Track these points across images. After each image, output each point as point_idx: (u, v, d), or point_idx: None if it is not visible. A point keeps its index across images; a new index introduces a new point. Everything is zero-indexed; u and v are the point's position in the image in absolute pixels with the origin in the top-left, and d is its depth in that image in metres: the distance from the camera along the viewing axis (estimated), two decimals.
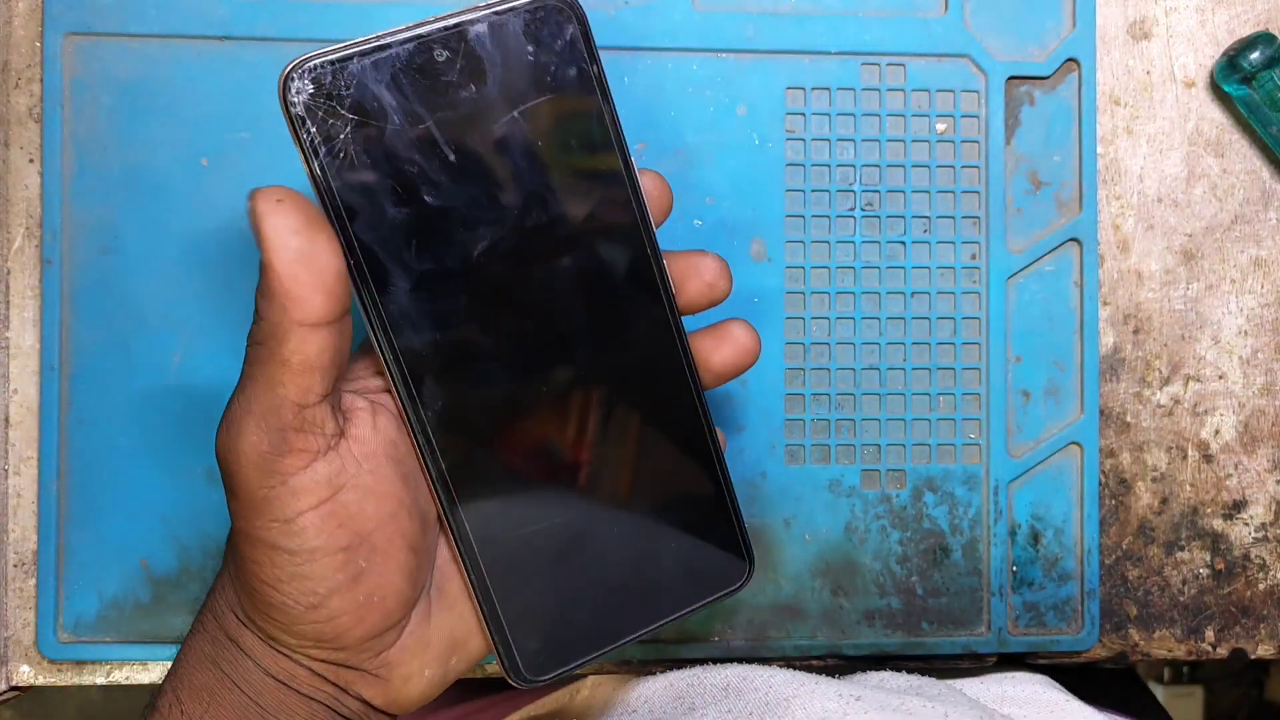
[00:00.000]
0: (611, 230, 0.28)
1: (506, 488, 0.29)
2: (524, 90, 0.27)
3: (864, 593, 0.37)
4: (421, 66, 0.26)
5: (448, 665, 0.29)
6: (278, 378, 0.24)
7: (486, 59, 0.26)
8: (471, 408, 0.28)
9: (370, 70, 0.25)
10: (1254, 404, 0.39)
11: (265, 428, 0.25)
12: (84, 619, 0.36)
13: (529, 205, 0.27)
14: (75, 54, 0.35)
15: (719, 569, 0.31)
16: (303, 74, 0.25)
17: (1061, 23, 0.38)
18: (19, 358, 0.36)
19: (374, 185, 0.26)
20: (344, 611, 0.26)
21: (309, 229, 0.24)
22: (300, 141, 0.25)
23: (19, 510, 0.36)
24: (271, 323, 0.24)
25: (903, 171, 0.37)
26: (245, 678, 0.27)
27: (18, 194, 0.36)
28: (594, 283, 0.28)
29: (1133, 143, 0.38)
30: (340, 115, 0.25)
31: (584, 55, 0.27)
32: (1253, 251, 0.39)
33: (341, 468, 0.26)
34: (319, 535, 0.25)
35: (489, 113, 0.26)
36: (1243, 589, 0.39)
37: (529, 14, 0.26)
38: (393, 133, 0.26)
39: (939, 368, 0.37)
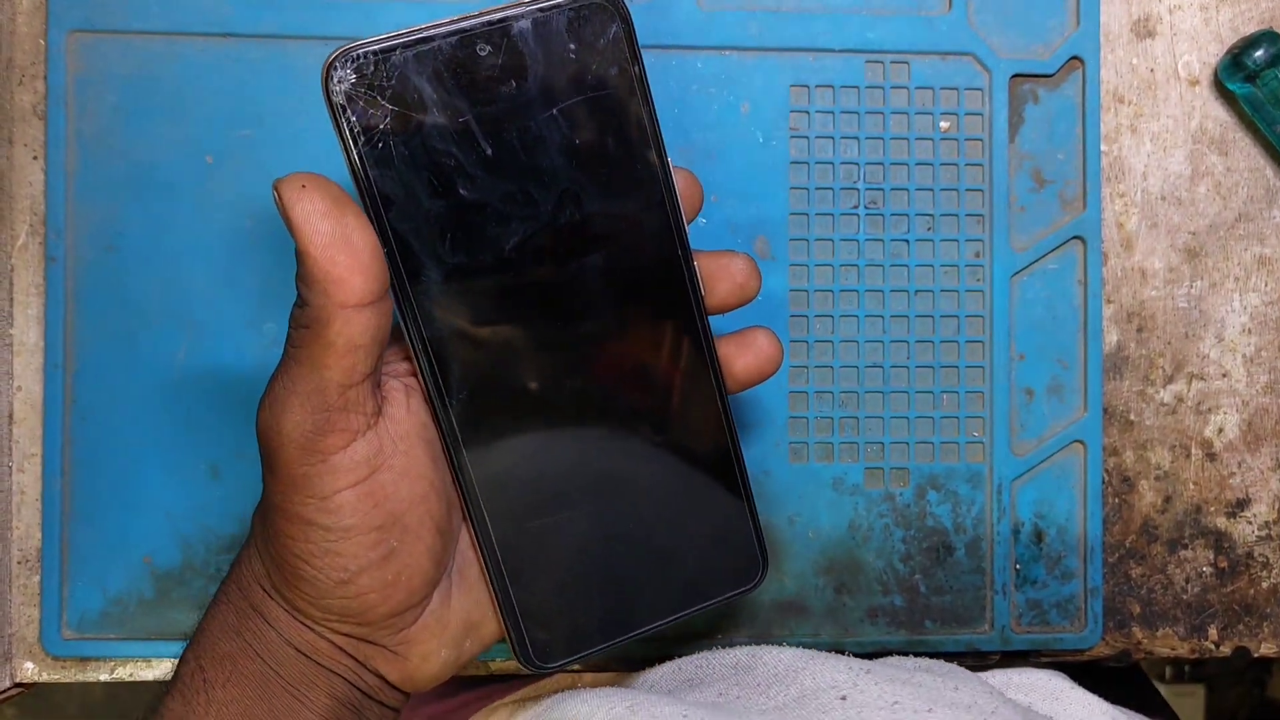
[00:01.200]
0: (645, 231, 0.28)
1: (526, 478, 0.29)
2: (564, 88, 0.27)
3: (867, 591, 0.37)
4: (463, 60, 0.26)
5: (462, 647, 0.29)
6: (322, 360, 0.25)
7: (528, 55, 0.26)
8: (496, 399, 0.28)
9: (412, 62, 0.25)
10: (1257, 402, 0.39)
11: (310, 408, 0.25)
12: (88, 616, 0.36)
13: (564, 202, 0.27)
14: (79, 51, 0.35)
15: (733, 568, 0.31)
16: (345, 63, 0.25)
17: (1065, 21, 0.38)
18: (23, 355, 0.36)
19: (411, 176, 0.26)
20: (372, 589, 0.27)
21: (338, 210, 0.24)
22: (340, 130, 0.25)
23: (23, 507, 0.36)
24: (315, 307, 0.25)
25: (906, 169, 0.37)
26: (268, 648, 0.28)
27: (22, 191, 0.36)
28: (624, 282, 0.28)
29: (1136, 141, 0.38)
30: (380, 105, 0.25)
31: (626, 55, 0.27)
32: (1256, 249, 0.39)
33: (379, 448, 0.26)
34: (354, 514, 0.26)
35: (528, 109, 0.26)
36: (1246, 587, 0.39)
37: (573, 12, 0.26)
38: (432, 125, 0.26)
39: (942, 366, 0.37)
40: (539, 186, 0.27)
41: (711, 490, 0.31)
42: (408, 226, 0.26)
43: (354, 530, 0.26)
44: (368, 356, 0.25)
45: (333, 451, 0.25)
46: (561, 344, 0.28)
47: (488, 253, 0.27)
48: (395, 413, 0.27)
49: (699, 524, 0.31)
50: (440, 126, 0.26)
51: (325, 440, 0.25)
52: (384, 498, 0.26)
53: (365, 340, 0.25)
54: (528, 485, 0.29)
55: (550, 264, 0.28)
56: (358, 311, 0.25)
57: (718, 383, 0.30)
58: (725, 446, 0.30)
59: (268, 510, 0.27)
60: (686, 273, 0.29)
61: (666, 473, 0.30)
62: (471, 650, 0.30)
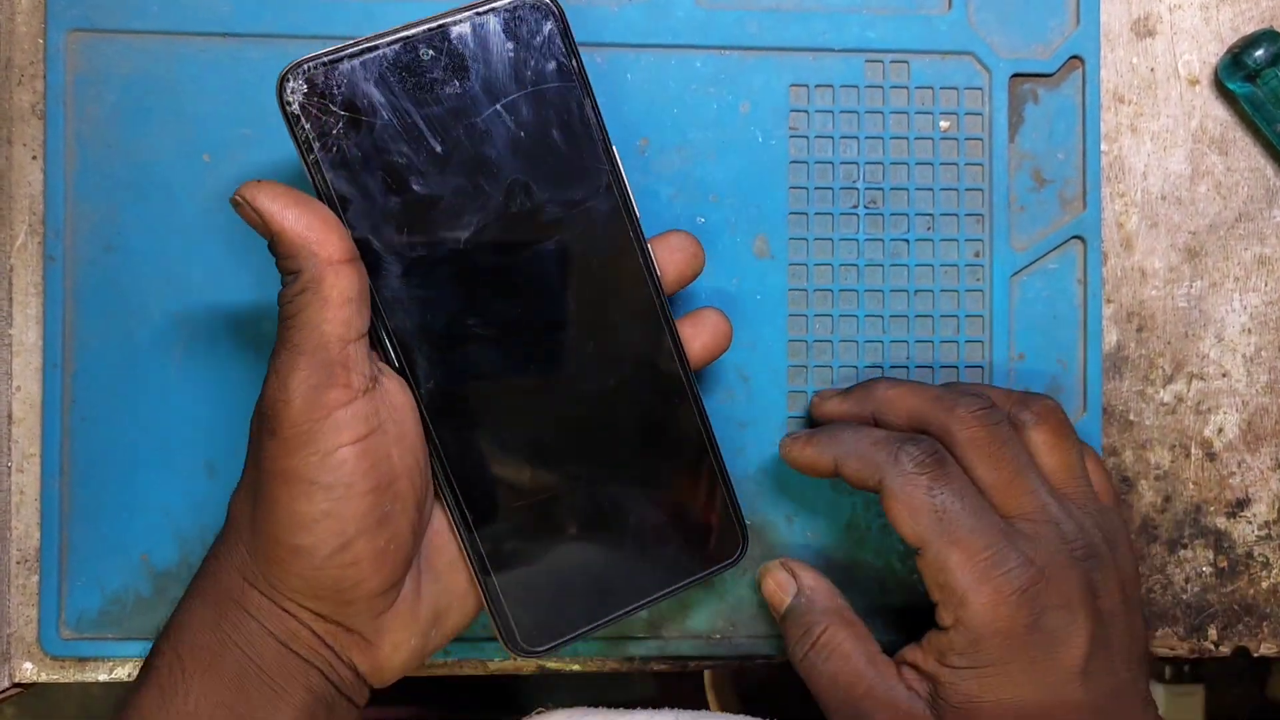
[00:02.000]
0: (595, 215, 0.30)
1: (500, 463, 0.30)
2: (505, 84, 0.28)
3: (866, 590, 0.37)
4: (408, 65, 0.28)
5: (429, 636, 0.30)
6: (321, 316, 0.27)
7: (469, 56, 0.28)
8: (463, 386, 0.30)
9: (360, 70, 0.27)
10: (1257, 402, 0.39)
11: (314, 363, 0.27)
12: (86, 615, 0.36)
13: (513, 193, 0.29)
14: (78, 50, 0.35)
15: (714, 543, 0.32)
16: (297, 75, 0.27)
17: (1065, 20, 0.38)
18: (22, 354, 0.36)
19: (365, 176, 0.28)
20: (366, 557, 0.28)
21: (297, 193, 0.27)
22: (296, 138, 0.27)
23: (22, 507, 0.36)
24: (305, 272, 0.27)
25: (906, 169, 0.37)
26: (248, 639, 0.28)
27: (21, 190, 0.36)
28: (579, 266, 0.30)
29: (1136, 140, 0.38)
30: (332, 113, 0.27)
31: (562, 50, 0.29)
32: (1257, 249, 0.39)
33: (377, 410, 0.28)
34: (355, 471, 0.27)
35: (472, 107, 0.28)
36: (1246, 587, 0.39)
37: (508, 13, 0.28)
38: (382, 127, 0.28)
39: (942, 365, 0.37)
40: (489, 179, 0.29)
41: (686, 468, 0.32)
42: (365, 224, 0.28)
43: (354, 489, 0.27)
44: (359, 313, 0.27)
45: (336, 406, 0.27)
46: (523, 330, 0.30)
47: (444, 245, 0.29)
48: (389, 385, 0.29)
49: (676, 502, 0.32)
50: (390, 128, 0.28)
51: (329, 394, 0.27)
52: (381, 458, 0.28)
53: (354, 294, 0.27)
54: (503, 470, 0.30)
55: (506, 253, 0.29)
56: (344, 265, 0.27)
57: (681, 361, 0.31)
58: (695, 424, 0.31)
59: (261, 484, 0.28)
60: (640, 254, 0.30)
61: (640, 453, 0.31)
62: (436, 640, 0.31)
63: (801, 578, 0.35)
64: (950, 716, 0.30)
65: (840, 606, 0.34)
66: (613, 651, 0.37)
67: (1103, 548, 0.31)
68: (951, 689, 0.30)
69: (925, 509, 0.30)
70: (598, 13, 0.36)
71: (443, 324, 0.29)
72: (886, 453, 0.31)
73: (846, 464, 0.32)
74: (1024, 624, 0.29)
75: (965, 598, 0.29)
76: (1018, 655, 0.29)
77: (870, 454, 0.31)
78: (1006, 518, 0.31)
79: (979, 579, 0.29)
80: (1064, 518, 0.31)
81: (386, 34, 0.27)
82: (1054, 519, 0.31)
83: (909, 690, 0.31)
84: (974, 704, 0.30)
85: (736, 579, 0.37)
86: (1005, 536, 0.30)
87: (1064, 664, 0.30)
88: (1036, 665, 0.30)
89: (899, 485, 0.30)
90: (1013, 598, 0.29)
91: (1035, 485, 0.31)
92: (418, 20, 0.28)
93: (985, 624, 0.29)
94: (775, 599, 0.35)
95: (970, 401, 0.32)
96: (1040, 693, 0.30)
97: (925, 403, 0.32)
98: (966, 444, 0.31)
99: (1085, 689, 0.30)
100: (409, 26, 0.28)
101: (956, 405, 0.32)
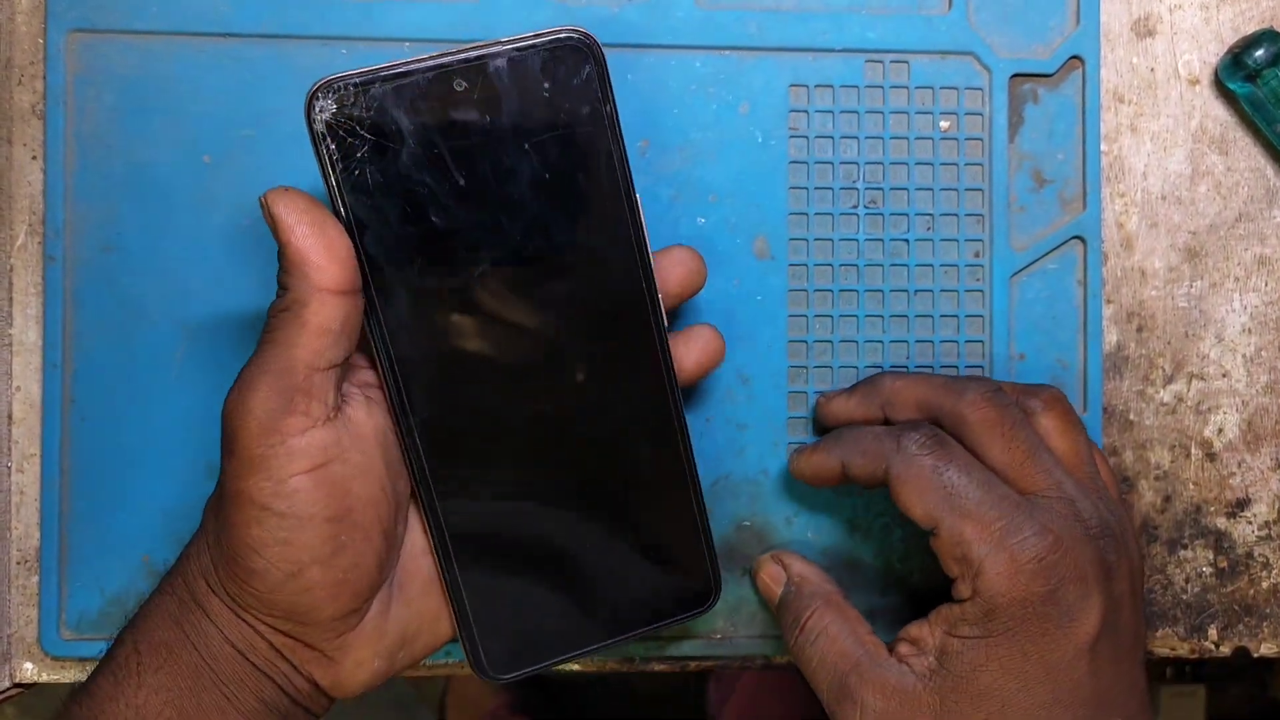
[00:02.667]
0: (609, 264, 0.29)
1: (485, 494, 0.30)
2: (536, 124, 0.28)
3: (866, 590, 0.37)
4: (440, 94, 0.27)
5: (395, 658, 0.30)
6: (295, 339, 0.26)
7: (503, 91, 0.27)
8: (458, 417, 0.29)
9: (391, 94, 0.27)
10: (1258, 402, 0.39)
11: (276, 386, 0.26)
12: (86, 616, 0.36)
13: (531, 234, 0.28)
14: (78, 51, 0.35)
15: (685, 591, 0.32)
16: (327, 93, 0.26)
17: (1065, 20, 0.38)
18: (22, 354, 0.36)
19: (385, 202, 0.27)
20: (321, 584, 0.27)
21: (317, 210, 0.27)
22: (320, 156, 0.27)
23: (22, 507, 0.36)
24: (293, 290, 0.27)
25: (906, 169, 0.37)
26: (205, 642, 0.28)
27: (21, 191, 0.36)
28: (585, 311, 0.29)
29: (1136, 140, 0.38)
30: (359, 135, 0.27)
31: (598, 95, 0.28)
32: (1257, 249, 0.39)
33: (336, 440, 0.27)
34: (308, 501, 0.27)
35: (501, 143, 0.28)
36: (1246, 587, 0.39)
37: (549, 51, 0.27)
38: (407, 155, 0.27)
39: (942, 366, 0.37)
40: (508, 217, 0.28)
41: (667, 512, 0.32)
42: (380, 250, 0.28)
43: (306, 519, 0.27)
44: (335, 344, 0.27)
45: (292, 434, 0.26)
46: (523, 368, 0.29)
47: (456, 278, 0.28)
48: (355, 415, 0.28)
49: (654, 546, 0.32)
50: (415, 156, 0.27)
51: (286, 420, 0.26)
52: (338, 489, 0.27)
53: (335, 326, 0.27)
54: (488, 500, 0.30)
55: (516, 292, 0.29)
56: (332, 296, 0.27)
57: (676, 407, 0.31)
58: (682, 470, 0.31)
59: (222, 499, 0.27)
60: (650, 305, 0.30)
61: (623, 493, 0.31)
62: (404, 661, 0.31)
63: (791, 567, 0.35)
64: (950, 685, 0.30)
65: (828, 591, 0.34)
66: (612, 652, 0.37)
67: (1117, 529, 0.31)
68: (957, 658, 0.30)
69: (932, 487, 0.30)
70: (598, 13, 0.36)
71: (444, 354, 0.29)
72: (889, 442, 0.31)
73: (853, 463, 0.32)
74: (1040, 593, 0.29)
75: (982, 566, 0.29)
76: (1029, 625, 0.29)
77: (873, 447, 0.32)
78: (1023, 494, 0.31)
79: (996, 546, 0.29)
80: (1080, 496, 0.31)
81: (423, 60, 0.27)
82: (1070, 496, 0.31)
83: (900, 664, 0.31)
84: (977, 671, 0.30)
85: (737, 580, 0.37)
86: (1019, 508, 0.30)
87: (1075, 639, 0.29)
88: (1047, 636, 0.29)
89: (904, 469, 0.31)
90: (1029, 565, 0.29)
91: (1050, 464, 0.31)
92: (456, 50, 0.27)
93: (1002, 591, 0.29)
94: (769, 592, 0.35)
95: (980, 385, 0.32)
96: (1046, 665, 0.29)
97: (934, 390, 0.33)
98: (979, 425, 0.31)
99: (1091, 668, 0.30)
100: (446, 54, 0.27)
101: (966, 390, 0.32)
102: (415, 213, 0.27)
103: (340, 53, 0.36)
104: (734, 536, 0.37)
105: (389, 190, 0.27)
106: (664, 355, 0.30)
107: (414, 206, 0.27)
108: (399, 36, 0.36)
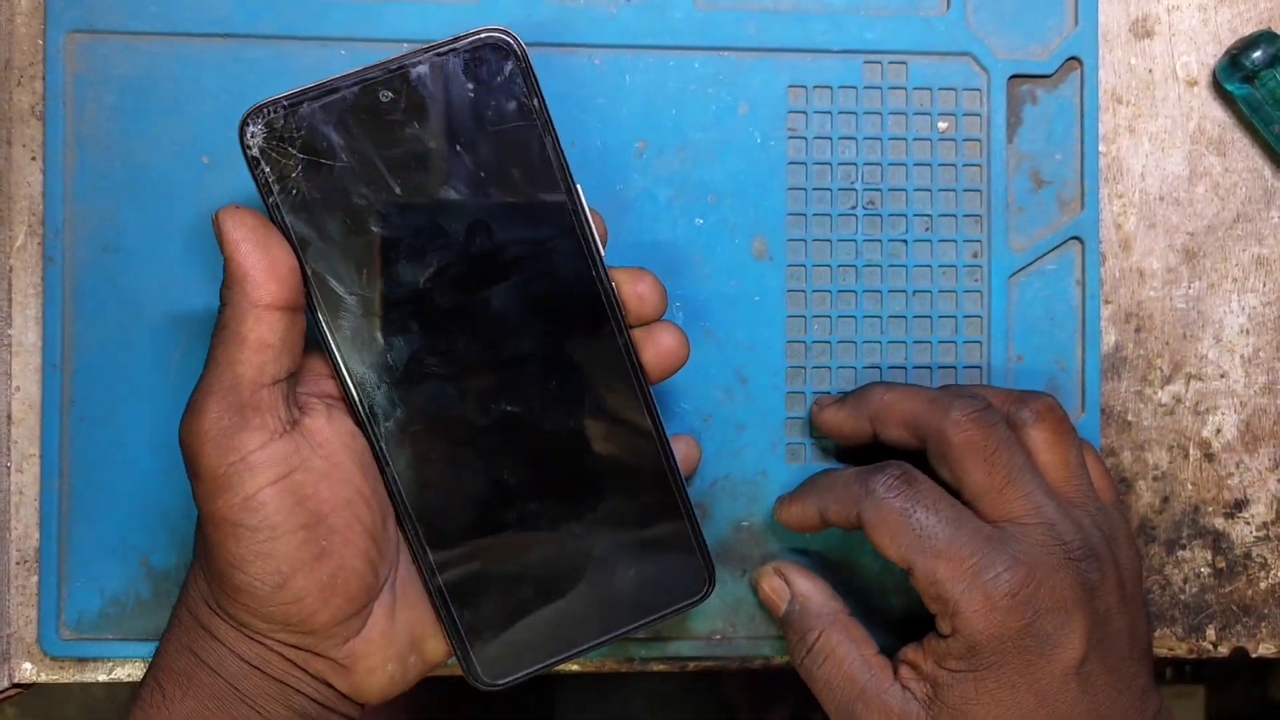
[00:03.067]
0: (558, 254, 0.29)
1: (459, 498, 0.30)
2: (465, 125, 0.28)
3: (864, 591, 0.37)
4: (368, 107, 0.28)
5: (408, 662, 0.30)
6: (236, 355, 0.27)
7: (429, 97, 0.28)
8: (421, 424, 0.29)
9: (319, 113, 0.27)
10: (1255, 403, 0.39)
11: (225, 405, 0.27)
12: (86, 616, 0.36)
13: (473, 233, 0.29)
14: (77, 51, 0.35)
15: (680, 581, 0.32)
16: (257, 119, 0.27)
17: (1063, 21, 0.38)
18: (21, 355, 0.36)
19: (325, 218, 0.28)
20: (309, 592, 0.27)
21: (263, 229, 0.27)
22: (256, 180, 0.27)
23: (21, 508, 0.36)
24: (231, 305, 0.27)
25: (904, 170, 0.37)
26: (221, 663, 0.28)
27: (20, 191, 0.36)
28: (541, 305, 0.29)
29: (1135, 141, 0.38)
30: (291, 155, 0.27)
31: (523, 90, 0.28)
32: (1254, 250, 0.39)
33: (297, 449, 0.28)
34: (278, 511, 0.27)
35: (432, 148, 0.28)
36: (1244, 588, 0.39)
37: (469, 54, 0.28)
38: (341, 170, 0.28)
39: (940, 366, 0.37)
40: (449, 220, 0.28)
41: (650, 502, 0.31)
42: (324, 264, 0.28)
43: (280, 529, 0.27)
44: (277, 360, 0.27)
45: (250, 449, 0.27)
46: (483, 368, 0.29)
47: (403, 286, 0.28)
48: (314, 424, 0.28)
49: (640, 537, 0.31)
50: (349, 171, 0.28)
51: (241, 436, 0.27)
52: (305, 497, 0.27)
53: (274, 340, 0.27)
54: (461, 504, 0.30)
55: (466, 292, 0.29)
56: (269, 311, 0.27)
57: (644, 396, 0.31)
58: (658, 460, 0.31)
59: (201, 522, 0.28)
60: (603, 291, 0.30)
61: (603, 487, 0.31)
62: (418, 666, 0.31)
63: (795, 583, 0.35)
64: (949, 716, 0.30)
65: (835, 609, 0.34)
66: (613, 652, 0.37)
67: (1101, 546, 0.31)
68: (949, 690, 0.30)
69: (902, 530, 0.30)
70: (597, 14, 0.36)
71: (402, 362, 0.29)
72: (858, 486, 0.32)
73: (828, 509, 0.33)
74: (1017, 627, 0.29)
75: (958, 605, 0.30)
76: (1012, 658, 0.30)
77: (845, 494, 0.32)
78: (997, 523, 0.31)
79: (969, 586, 0.29)
80: (1059, 518, 0.31)
81: (347, 76, 0.27)
82: (1048, 521, 0.31)
83: (904, 691, 0.31)
84: (970, 705, 0.30)
85: (736, 580, 0.37)
86: (989, 541, 0.30)
87: (1059, 665, 0.30)
88: (1032, 667, 0.30)
89: (874, 514, 0.31)
90: (1004, 601, 0.29)
91: (1030, 488, 0.31)
92: (379, 63, 0.28)
93: (979, 629, 0.29)
94: (771, 604, 0.35)
95: (965, 404, 0.32)
96: (1036, 695, 0.30)
97: (920, 406, 0.32)
98: (961, 448, 0.31)
99: (1081, 690, 0.30)
100: (370, 69, 0.28)
101: (951, 408, 0.32)
102: (356, 225, 0.28)
103: (340, 53, 0.36)
104: (732, 537, 0.37)
105: (328, 206, 0.28)
106: (626, 347, 0.30)
107: (354, 219, 0.28)
108: (399, 37, 0.36)
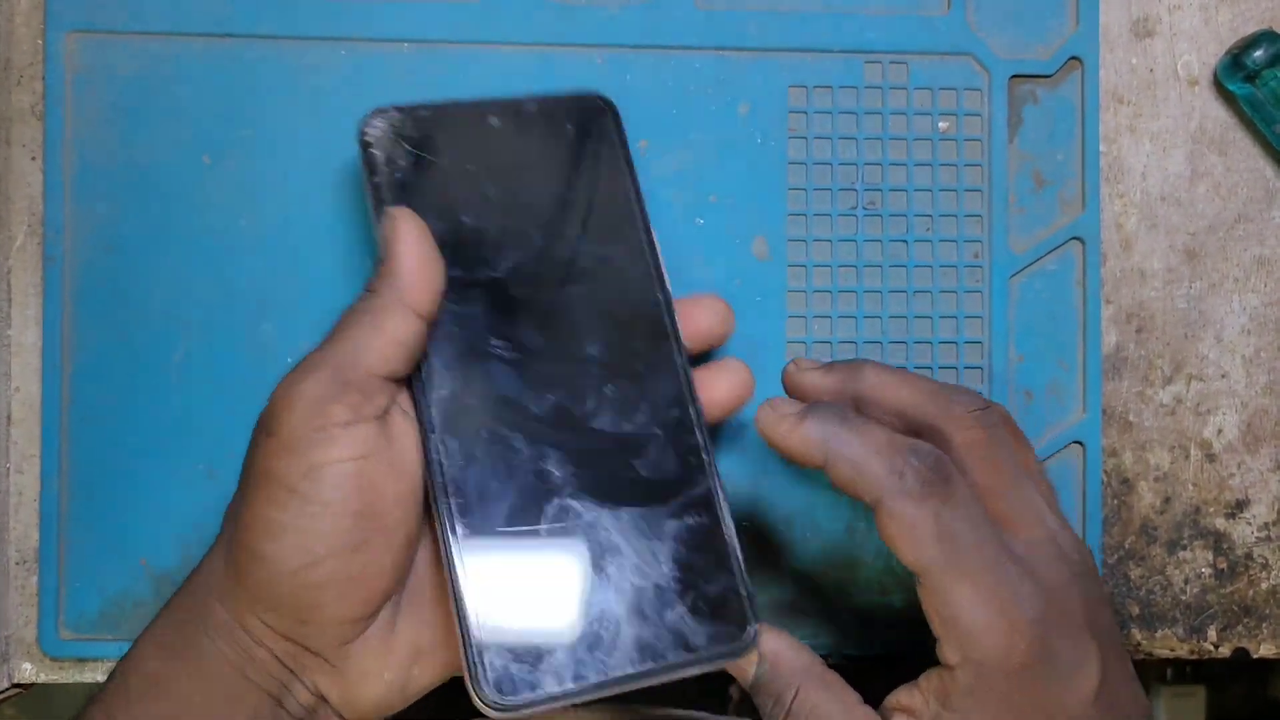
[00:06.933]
0: (628, 289, 0.32)
1: (503, 512, 0.30)
2: (559, 160, 0.32)
3: (866, 591, 0.37)
4: (477, 124, 0.32)
5: (409, 674, 0.29)
6: (366, 341, 0.27)
7: (533, 127, 0.32)
8: (474, 401, 0.30)
9: (434, 119, 0.31)
10: (1257, 403, 0.39)
11: (333, 377, 0.27)
12: (86, 616, 0.36)
13: (553, 258, 0.31)
14: (77, 51, 0.35)
15: (718, 624, 0.29)
16: (379, 115, 0.31)
17: (1064, 21, 0.38)
18: (21, 355, 0.36)
19: (418, 202, 0.30)
20: (334, 580, 0.27)
21: (432, 243, 0.29)
22: (366, 159, 0.30)
23: (21, 508, 0.36)
24: (379, 297, 0.28)
25: (905, 170, 0.37)
26: (199, 665, 0.28)
27: (20, 191, 0.36)
28: (606, 323, 0.31)
29: (1136, 141, 0.38)
30: (402, 146, 0.31)
31: (614, 141, 0.33)
32: (1256, 250, 0.39)
33: (378, 437, 0.28)
34: (337, 489, 0.27)
35: (527, 172, 0.32)
36: (1245, 588, 0.39)
37: (572, 104, 0.33)
38: (442, 166, 0.31)
39: (941, 367, 0.37)
40: (531, 241, 0.31)
41: (696, 535, 0.30)
42: None
43: (331, 508, 0.26)
44: (398, 360, 0.28)
45: (336, 422, 0.27)
46: (547, 392, 0.30)
47: (481, 300, 0.31)
48: (399, 424, 0.29)
49: (680, 580, 0.30)
50: (449, 168, 0.31)
51: (334, 407, 0.27)
52: (368, 486, 0.27)
53: (407, 341, 0.28)
54: (503, 519, 0.29)
55: (538, 315, 0.31)
56: (415, 319, 0.28)
57: (699, 425, 0.31)
58: (711, 501, 0.30)
59: (248, 485, 0.27)
60: (670, 327, 0.31)
61: (647, 527, 0.30)
62: (419, 680, 0.29)
63: (760, 642, 0.30)
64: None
65: (808, 663, 0.30)
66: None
67: (1090, 557, 0.30)
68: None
69: (930, 536, 0.27)
70: (597, 13, 0.36)
71: (461, 360, 0.30)
72: (887, 465, 0.27)
73: (839, 466, 0.28)
74: (1036, 656, 0.27)
75: (975, 634, 0.27)
76: (1027, 688, 0.27)
77: (867, 463, 0.28)
78: (1007, 531, 0.28)
79: (995, 613, 0.26)
80: (1060, 528, 0.29)
81: (464, 100, 0.32)
82: (1052, 530, 0.29)
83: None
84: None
85: None
86: (1014, 563, 0.27)
87: (1079, 694, 0.27)
88: (1049, 697, 0.27)
89: (900, 506, 0.27)
90: (1028, 630, 0.26)
91: (1031, 493, 0.29)
92: (495, 96, 0.32)
93: (998, 661, 0.27)
94: (739, 673, 0.31)
95: (968, 401, 0.30)
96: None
97: (920, 397, 0.30)
98: (964, 448, 0.29)
99: (1098, 715, 0.28)
100: (486, 99, 0.32)
101: (953, 404, 0.29)
102: (446, 221, 0.30)
103: (340, 53, 0.36)
104: None
105: (424, 192, 0.30)
106: (688, 385, 0.31)
107: (445, 216, 0.30)
108: (399, 38, 0.36)
